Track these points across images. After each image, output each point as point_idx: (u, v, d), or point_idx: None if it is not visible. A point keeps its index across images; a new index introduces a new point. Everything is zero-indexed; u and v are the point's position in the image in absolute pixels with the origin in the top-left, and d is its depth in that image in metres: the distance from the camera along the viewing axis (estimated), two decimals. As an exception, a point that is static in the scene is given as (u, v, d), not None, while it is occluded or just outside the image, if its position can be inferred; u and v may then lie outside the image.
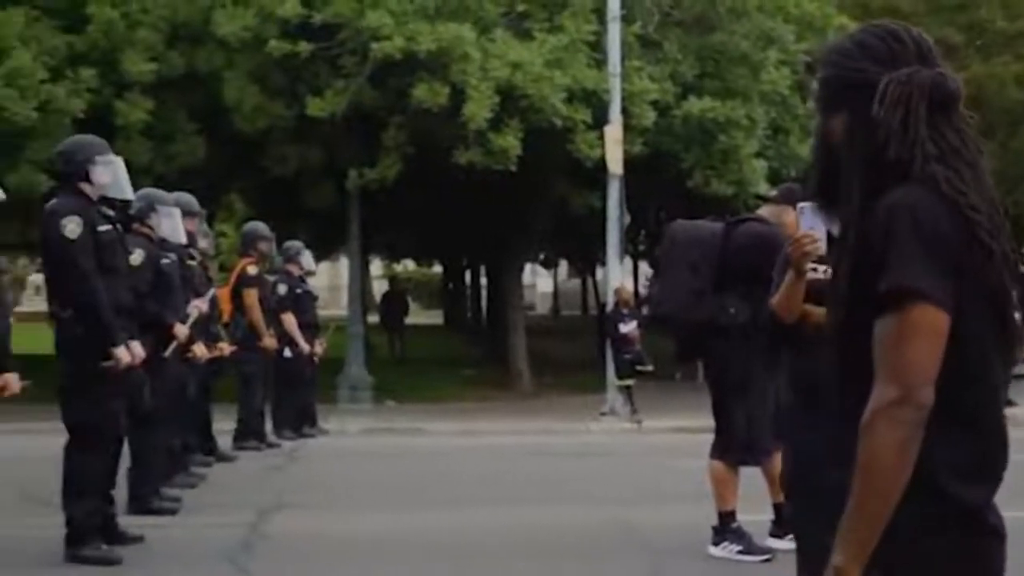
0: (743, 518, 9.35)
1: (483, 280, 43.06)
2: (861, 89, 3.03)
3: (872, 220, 2.95)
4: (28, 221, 31.12)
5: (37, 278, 53.03)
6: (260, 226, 16.40)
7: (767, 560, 9.14)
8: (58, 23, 20.90)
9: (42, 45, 20.34)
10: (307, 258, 17.94)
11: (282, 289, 16.76)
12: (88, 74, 20.31)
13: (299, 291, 17.33)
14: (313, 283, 18.64)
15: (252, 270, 15.79)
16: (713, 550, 9.34)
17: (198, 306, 12.17)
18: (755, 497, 9.42)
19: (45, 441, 12.09)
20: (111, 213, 9.44)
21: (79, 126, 18.57)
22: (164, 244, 11.50)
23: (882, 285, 2.88)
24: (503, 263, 29.27)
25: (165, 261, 11.38)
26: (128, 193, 9.78)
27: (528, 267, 43.96)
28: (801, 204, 6.19)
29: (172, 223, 11.65)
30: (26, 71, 19.69)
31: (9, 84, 19.61)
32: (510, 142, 20.04)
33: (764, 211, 9.05)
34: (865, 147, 3.01)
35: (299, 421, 17.54)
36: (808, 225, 6.08)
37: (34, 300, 45.38)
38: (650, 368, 20.86)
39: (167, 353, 11.12)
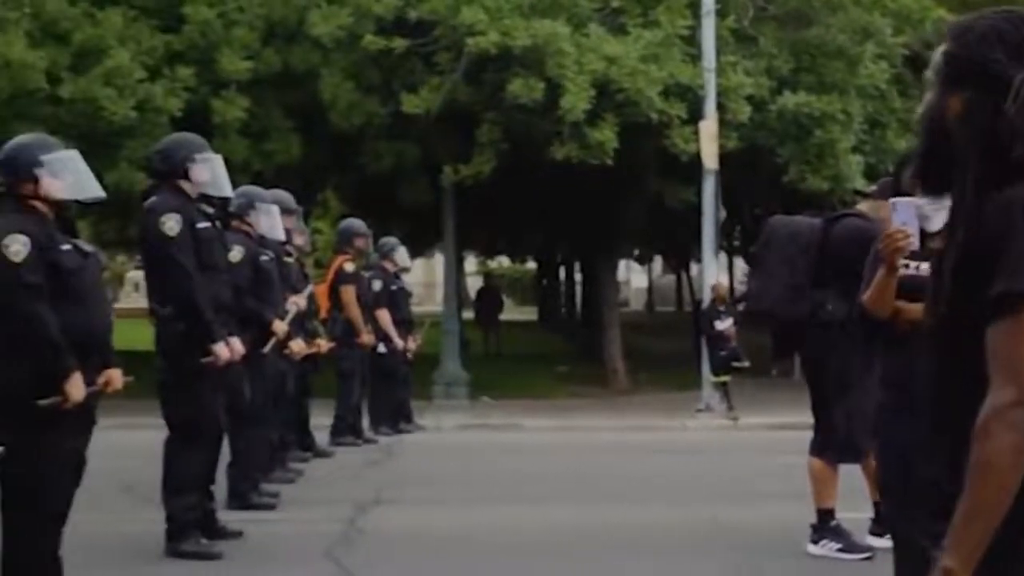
0: (842, 516, 9.27)
1: (577, 276, 43.00)
2: (987, 75, 2.96)
3: (987, 216, 2.88)
4: (127, 218, 31.57)
5: (135, 275, 53.56)
6: (357, 223, 16.47)
7: (867, 559, 9.05)
8: (156, 23, 21.09)
9: (140, 45, 20.54)
10: (402, 254, 17.98)
11: (377, 285, 16.81)
12: (185, 73, 20.49)
13: (394, 288, 17.38)
14: (408, 280, 18.69)
15: (349, 267, 15.85)
16: (812, 548, 9.26)
17: (296, 302, 12.23)
18: (855, 494, 9.34)
19: (145, 437, 12.22)
20: (210, 210, 9.51)
21: (176, 124, 18.73)
22: (263, 241, 11.57)
23: (998, 287, 2.81)
24: (597, 259, 29.21)
25: (264, 258, 11.45)
26: (227, 190, 9.85)
27: (622, 263, 43.90)
28: (893, 200, 6.11)
29: (271, 220, 11.71)
30: (124, 70, 19.89)
31: (108, 83, 19.81)
32: (607, 135, 19.98)
33: (863, 206, 8.98)
34: (983, 137, 2.94)
35: (395, 417, 17.59)
36: (901, 220, 6.00)
37: (132, 296, 45.84)
38: (746, 364, 20.75)
39: (266, 349, 11.19)
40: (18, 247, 7.04)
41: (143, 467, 11.97)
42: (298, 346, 12.53)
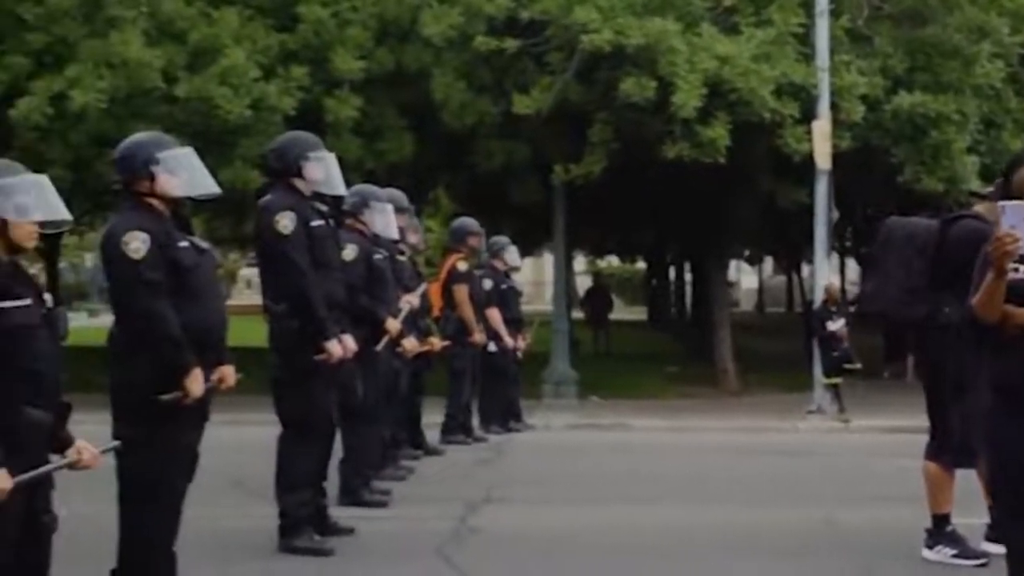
0: (958, 521, 9.16)
1: (687, 276, 42.84)
2: None
3: None
4: (240, 216, 31.86)
5: (248, 272, 54.12)
6: (470, 222, 16.51)
7: (982, 565, 8.92)
8: (270, 22, 21.27)
9: (255, 44, 20.72)
10: (512, 254, 18.00)
11: (487, 284, 16.83)
12: (299, 72, 20.64)
13: (504, 287, 17.41)
14: (517, 279, 18.71)
15: (462, 266, 15.90)
16: (927, 553, 9.15)
17: (409, 301, 12.27)
18: (971, 499, 9.22)
19: (258, 433, 12.32)
20: (324, 208, 9.56)
21: (290, 123, 18.87)
22: (377, 239, 11.61)
23: None
24: (708, 259, 29.09)
25: (377, 256, 11.49)
26: (340, 189, 9.90)
27: (732, 263, 43.67)
28: (1002, 203, 6.02)
29: (385, 219, 11.73)
30: (239, 69, 20.08)
31: (223, 82, 20.01)
32: (718, 133, 19.88)
33: (981, 208, 8.86)
34: None
35: (505, 416, 17.62)
36: (1009, 224, 5.90)
37: (244, 294, 46.29)
38: (858, 366, 20.56)
39: (379, 347, 11.23)
40: (138, 244, 7.13)
41: (254, 463, 12.05)
42: (411, 344, 12.58)
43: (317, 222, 9.30)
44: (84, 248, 68.56)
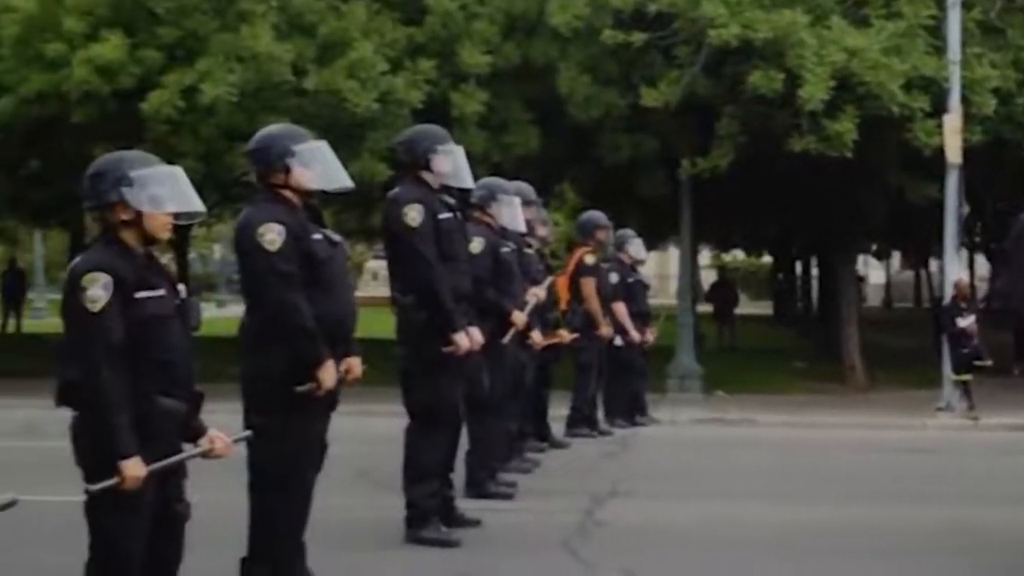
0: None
1: (814, 271, 42.48)
2: None
3: None
4: (367, 209, 32.08)
5: (374, 264, 54.46)
6: (598, 215, 16.49)
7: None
8: (398, 15, 21.39)
9: (383, 37, 20.85)
10: (637, 246, 17.96)
11: (613, 278, 16.79)
12: (427, 65, 20.74)
13: (630, 280, 17.37)
14: (642, 272, 18.65)
15: (590, 259, 15.89)
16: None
17: (536, 294, 12.26)
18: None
19: (385, 424, 12.41)
20: (452, 201, 9.59)
21: (417, 116, 18.96)
22: (504, 232, 11.61)
23: None
24: (835, 254, 28.81)
25: (504, 249, 11.48)
26: (468, 182, 9.92)
27: (860, 258, 43.22)
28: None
29: (512, 212, 11.72)
30: (367, 63, 20.21)
31: (351, 76, 20.15)
32: (846, 127, 19.68)
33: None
34: None
35: (631, 410, 17.58)
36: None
37: (371, 286, 46.54)
38: (988, 363, 20.26)
39: (505, 340, 11.24)
40: (273, 236, 7.20)
41: (381, 454, 12.14)
42: (538, 337, 12.59)
43: (445, 215, 9.32)
44: (212, 239, 69.43)
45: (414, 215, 9.16)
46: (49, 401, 5.95)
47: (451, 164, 9.52)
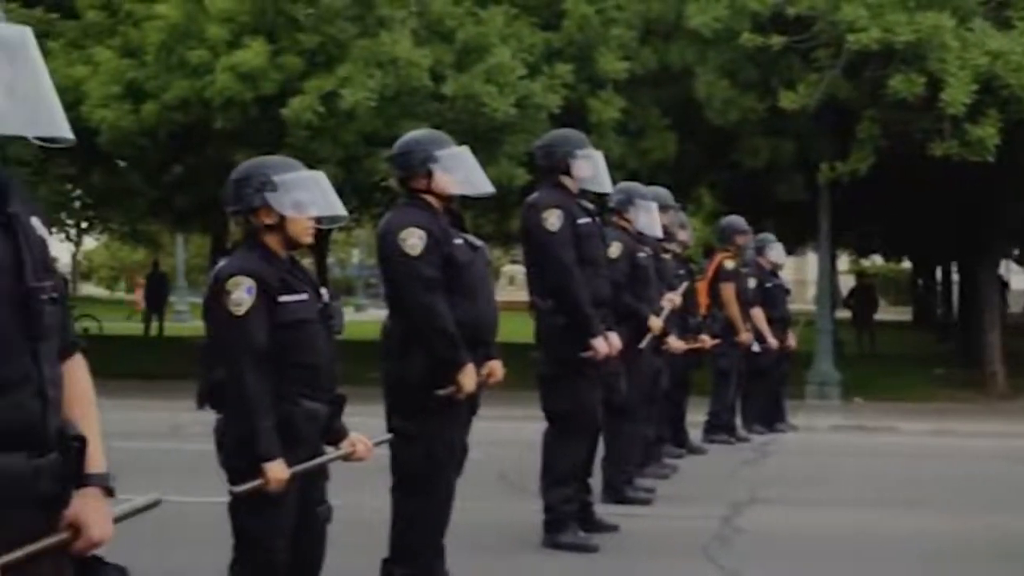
0: None
1: (954, 276, 41.90)
2: None
3: None
4: (504, 214, 32.18)
5: (510, 268, 54.64)
6: (737, 220, 16.39)
7: None
8: (536, 20, 21.44)
9: (521, 42, 20.90)
10: (776, 251, 17.81)
11: (752, 283, 16.68)
12: (564, 70, 20.76)
13: (768, 285, 17.24)
14: (782, 277, 18.50)
15: (729, 264, 15.81)
16: None
17: (672, 299, 12.22)
18: None
19: (521, 427, 12.44)
20: (590, 206, 9.59)
21: (555, 121, 18.99)
22: (641, 237, 11.59)
23: None
24: (976, 258, 28.39)
25: (641, 254, 11.46)
26: (607, 186, 9.91)
27: (1002, 263, 42.55)
28: None
29: (649, 216, 11.70)
30: (505, 68, 20.28)
31: (489, 80, 20.23)
32: (988, 132, 19.38)
33: None
34: None
35: (769, 416, 17.44)
36: None
37: (507, 290, 46.70)
38: None
39: (642, 345, 11.21)
40: (415, 240, 7.25)
41: (517, 457, 12.20)
42: (677, 343, 12.55)
43: (584, 219, 9.32)
44: (351, 244, 70.08)
45: (553, 220, 9.17)
46: (192, 403, 6.04)
47: (590, 168, 9.51)
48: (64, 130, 3.36)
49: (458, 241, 7.40)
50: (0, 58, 3.30)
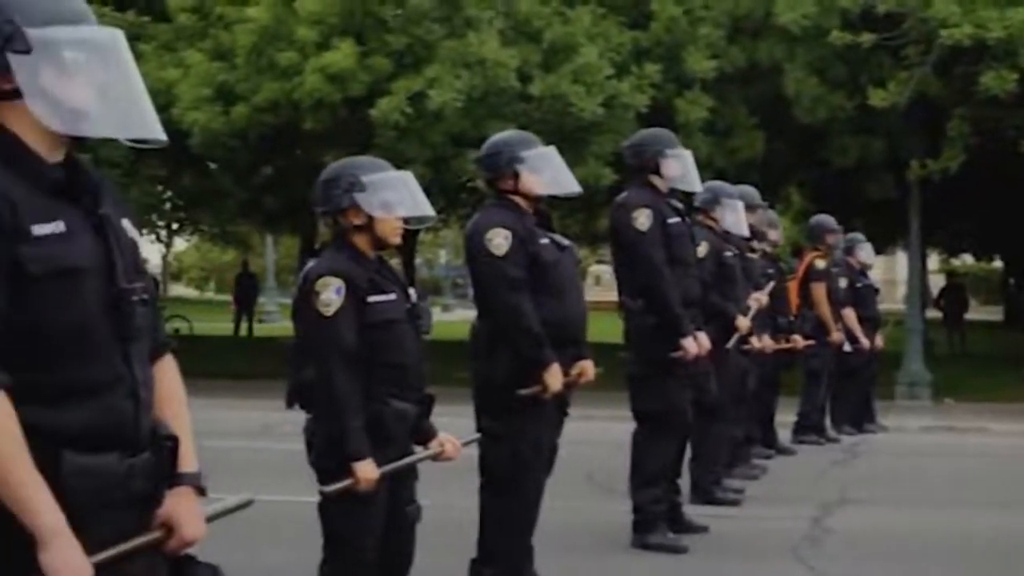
0: None
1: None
2: None
3: None
4: (591, 214, 32.17)
5: (597, 268, 54.60)
6: (828, 219, 16.27)
7: None
8: (623, 20, 21.39)
9: (608, 42, 20.86)
10: (866, 251, 17.64)
11: (842, 282, 16.55)
12: (651, 69, 20.69)
13: (859, 285, 17.10)
14: (871, 276, 18.34)
15: (820, 264, 15.70)
16: None
17: (758, 298, 12.16)
18: None
19: (609, 427, 12.43)
20: (680, 205, 9.57)
21: (642, 121, 18.94)
22: (727, 236, 11.55)
23: None
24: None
25: (727, 253, 11.41)
26: (696, 186, 9.89)
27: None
28: None
29: (736, 216, 11.65)
30: (592, 67, 20.25)
31: (576, 80, 20.21)
32: (1081, 129, 19.18)
33: None
34: None
35: (859, 416, 17.30)
36: None
37: (594, 290, 46.65)
38: None
39: (729, 345, 11.15)
40: (500, 240, 7.27)
41: (605, 457, 12.19)
42: (766, 343, 12.48)
43: (673, 219, 9.30)
44: (438, 244, 70.32)
45: (643, 220, 9.15)
46: (281, 403, 6.08)
47: (680, 168, 9.49)
48: (156, 131, 3.40)
49: (544, 241, 7.42)
50: (92, 61, 3.34)
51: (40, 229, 3.24)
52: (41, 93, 3.28)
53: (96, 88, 3.32)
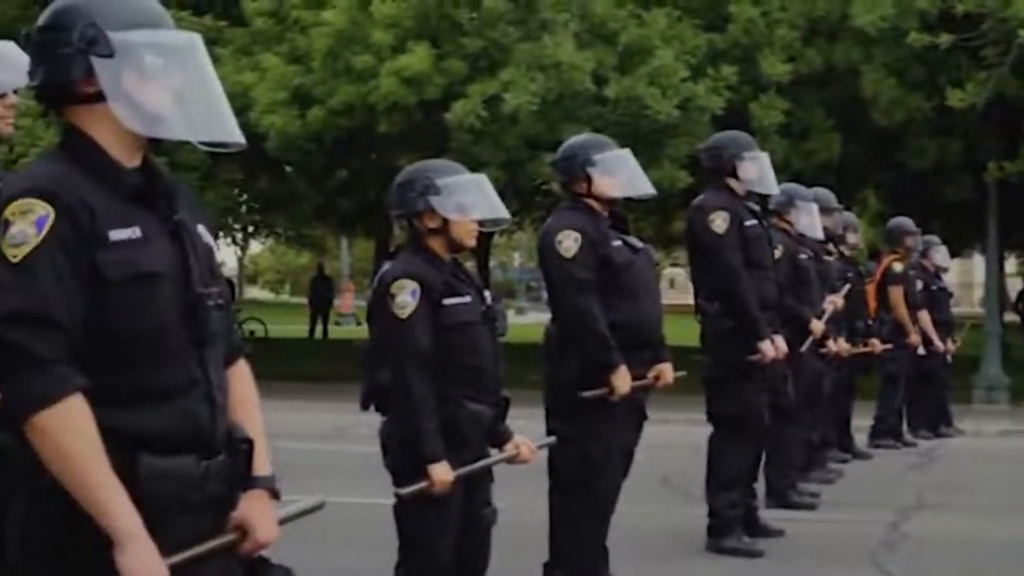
0: None
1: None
2: None
3: None
4: (666, 216, 32.09)
5: (671, 272, 54.50)
6: (907, 221, 16.13)
7: None
8: (699, 22, 21.32)
9: (684, 44, 20.79)
10: (941, 254, 17.49)
11: (918, 285, 16.42)
12: (728, 72, 20.61)
13: (934, 288, 16.96)
14: (945, 279, 18.19)
15: (898, 267, 15.57)
16: None
17: (834, 301, 12.08)
18: None
19: (685, 431, 12.38)
20: (757, 208, 9.53)
21: (718, 123, 18.87)
22: (802, 239, 11.49)
23: None
24: None
25: (802, 256, 11.37)
26: (773, 188, 9.86)
27: None
28: None
29: (810, 219, 11.59)
30: (668, 70, 20.18)
31: (652, 83, 20.16)
32: None
33: None
34: None
35: (935, 420, 17.15)
36: None
37: (668, 293, 46.57)
38: None
39: (803, 348, 11.08)
40: (569, 243, 7.29)
41: (681, 461, 12.15)
42: (843, 346, 12.39)
43: (750, 222, 9.27)
44: (512, 247, 70.40)
45: (720, 222, 9.12)
46: (356, 405, 6.09)
47: (757, 170, 9.45)
48: (235, 135, 3.42)
49: (617, 243, 7.42)
50: (171, 64, 3.36)
51: (117, 234, 3.27)
52: (123, 96, 3.32)
53: (174, 91, 3.35)
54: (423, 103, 20.72)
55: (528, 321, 43.66)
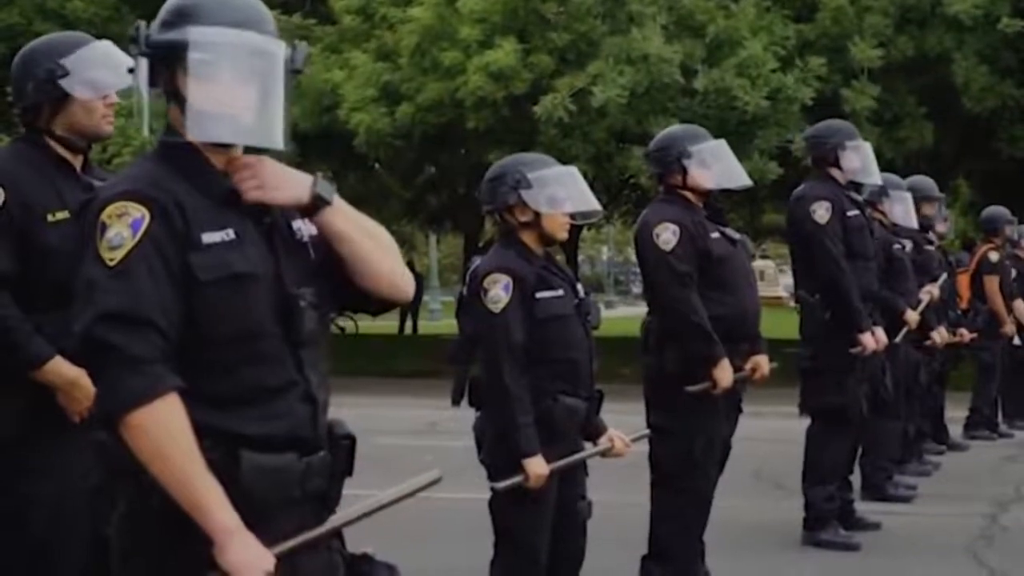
0: None
1: None
2: None
3: None
4: (756, 208, 31.91)
5: (760, 264, 54.18)
6: (1002, 210, 15.90)
7: None
8: (788, 12, 21.18)
9: (772, 35, 20.67)
10: (1035, 242, 17.27)
11: (1012, 274, 16.20)
12: (817, 62, 20.46)
13: (1026, 276, 16.73)
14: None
15: (993, 256, 15.37)
16: None
17: (930, 291, 11.94)
18: None
19: (777, 424, 12.29)
20: (859, 198, 9.44)
21: (808, 113, 18.74)
22: (896, 229, 11.37)
23: None
24: None
25: (897, 246, 11.24)
26: (876, 178, 9.73)
27: None
28: None
29: (904, 208, 11.45)
30: (757, 60, 20.08)
31: (740, 74, 20.06)
32: None
33: None
34: None
35: (1030, 411, 16.91)
36: None
37: (758, 285, 46.40)
38: None
39: (898, 339, 10.95)
40: (668, 236, 7.25)
41: (773, 453, 12.08)
42: (941, 336, 12.27)
43: (853, 212, 9.17)
44: (600, 241, 70.34)
45: (822, 212, 9.02)
46: (447, 400, 6.10)
47: (859, 160, 9.35)
48: (276, 142, 3.52)
49: (715, 235, 7.37)
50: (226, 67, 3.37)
51: (210, 237, 3.30)
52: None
53: (228, 95, 3.37)
54: (511, 98, 20.74)
55: (617, 315, 43.55)
